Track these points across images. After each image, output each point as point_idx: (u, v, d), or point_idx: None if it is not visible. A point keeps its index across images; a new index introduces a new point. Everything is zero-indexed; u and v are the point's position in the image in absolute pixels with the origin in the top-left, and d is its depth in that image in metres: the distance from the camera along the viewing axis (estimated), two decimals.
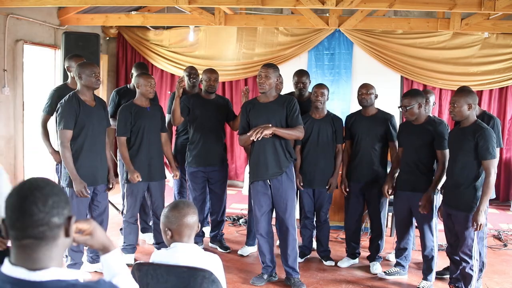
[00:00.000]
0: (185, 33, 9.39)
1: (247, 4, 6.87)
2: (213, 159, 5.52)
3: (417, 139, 4.69)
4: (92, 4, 7.15)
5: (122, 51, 9.91)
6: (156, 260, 2.63)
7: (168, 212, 2.64)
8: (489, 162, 4.02)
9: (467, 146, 4.10)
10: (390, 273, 5.06)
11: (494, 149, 4.04)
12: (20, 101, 7.36)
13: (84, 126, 4.54)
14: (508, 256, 5.90)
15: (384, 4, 6.51)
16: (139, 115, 5.04)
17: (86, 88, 4.58)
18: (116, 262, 1.85)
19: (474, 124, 4.13)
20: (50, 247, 1.48)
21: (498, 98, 8.73)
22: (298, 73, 5.70)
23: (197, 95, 5.59)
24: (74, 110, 4.48)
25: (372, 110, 5.24)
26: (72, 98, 4.54)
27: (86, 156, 4.58)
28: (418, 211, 4.66)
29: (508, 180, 8.69)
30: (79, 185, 4.48)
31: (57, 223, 1.48)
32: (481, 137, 4.02)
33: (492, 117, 4.77)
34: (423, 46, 8.76)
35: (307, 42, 8.99)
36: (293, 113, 4.65)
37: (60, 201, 1.49)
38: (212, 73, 5.51)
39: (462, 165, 4.17)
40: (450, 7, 6.42)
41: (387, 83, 8.43)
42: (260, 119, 4.62)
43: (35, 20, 7.64)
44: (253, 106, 4.76)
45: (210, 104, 5.49)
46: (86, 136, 4.57)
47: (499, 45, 8.50)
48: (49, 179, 1.55)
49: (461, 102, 4.09)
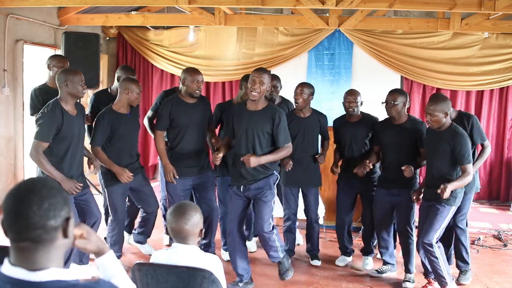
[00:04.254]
0: (185, 33, 9.39)
1: (247, 4, 6.86)
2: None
3: (399, 139, 4.82)
4: (92, 4, 7.14)
5: (122, 51, 9.90)
6: (156, 260, 2.64)
7: (171, 213, 2.65)
8: (466, 167, 4.25)
9: (442, 150, 4.32)
10: (382, 271, 5.10)
11: (469, 153, 4.26)
12: (20, 101, 7.36)
13: (65, 138, 4.33)
14: (508, 256, 5.90)
15: (384, 4, 6.51)
16: (119, 123, 4.79)
17: (70, 96, 4.33)
18: (112, 263, 1.86)
19: (450, 129, 4.32)
20: (48, 249, 1.47)
21: (498, 98, 8.72)
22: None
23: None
24: (57, 123, 4.23)
25: (359, 116, 5.25)
26: (55, 108, 4.26)
27: (67, 166, 4.39)
28: (400, 209, 4.86)
29: (508, 180, 8.68)
30: (68, 183, 4.29)
31: (53, 226, 1.46)
32: (457, 144, 4.23)
33: (469, 116, 4.83)
34: (423, 46, 8.75)
35: (307, 42, 8.99)
36: (279, 129, 4.40)
37: (57, 203, 1.47)
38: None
39: (438, 166, 4.40)
40: (450, 7, 6.42)
41: (387, 83, 8.37)
42: (241, 128, 4.48)
43: (35, 20, 7.64)
44: (238, 111, 4.59)
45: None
46: (68, 148, 4.37)
47: (499, 45, 8.50)
48: (46, 180, 1.53)
49: (437, 111, 4.25)
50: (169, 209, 2.72)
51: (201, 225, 2.69)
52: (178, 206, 2.71)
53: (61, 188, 1.56)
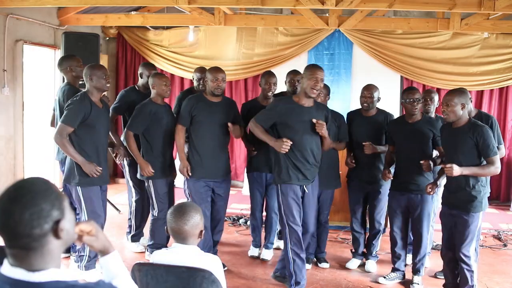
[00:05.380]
0: (184, 33, 9.39)
1: (246, 4, 6.87)
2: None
3: (412, 137, 4.71)
4: (92, 4, 7.15)
5: (122, 51, 9.90)
6: (156, 260, 2.64)
7: (171, 213, 2.65)
8: (491, 159, 3.98)
9: (465, 147, 4.04)
10: (389, 278, 4.99)
11: (494, 145, 3.99)
12: (20, 101, 7.36)
13: (92, 127, 4.52)
14: (508, 256, 5.90)
15: (383, 4, 6.51)
16: (161, 113, 5.05)
17: (96, 89, 4.56)
18: (115, 264, 1.85)
19: (469, 123, 4.07)
20: (41, 253, 1.46)
21: (498, 98, 8.74)
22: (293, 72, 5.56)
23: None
24: (84, 111, 4.43)
25: (373, 111, 5.18)
26: (85, 97, 4.50)
27: (90, 153, 4.54)
28: (414, 212, 4.70)
29: (508, 180, 8.68)
30: (88, 166, 4.47)
31: (39, 234, 1.44)
32: (480, 136, 3.96)
33: (489, 116, 4.77)
34: (423, 46, 8.76)
35: (307, 42, 8.99)
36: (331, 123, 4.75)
37: (40, 211, 1.43)
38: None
39: (462, 165, 4.02)
40: (450, 7, 6.42)
41: (387, 83, 8.40)
42: (304, 124, 4.43)
43: (35, 20, 7.64)
44: (293, 108, 4.45)
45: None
46: (93, 137, 4.55)
47: (498, 45, 8.51)
48: (32, 185, 1.48)
49: (454, 101, 4.03)
50: (170, 209, 2.72)
51: (202, 226, 2.68)
52: (179, 206, 2.70)
53: (50, 191, 1.49)
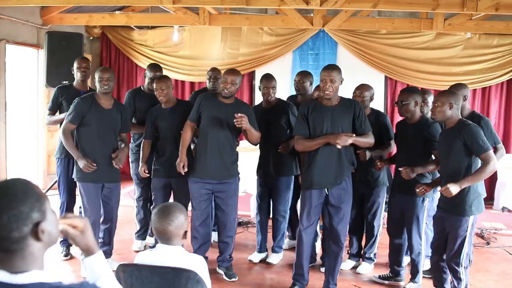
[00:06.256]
0: (169, 33, 9.36)
1: (231, 4, 6.87)
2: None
3: (411, 139, 4.61)
4: (76, 3, 7.10)
5: (106, 51, 9.86)
6: (140, 261, 2.63)
7: (155, 213, 2.64)
8: (484, 155, 3.84)
9: (455, 149, 3.98)
10: (385, 277, 4.98)
11: (485, 141, 3.88)
12: (2, 101, 7.29)
13: (89, 126, 4.72)
14: (491, 254, 5.96)
15: (368, 4, 6.55)
16: (161, 117, 5.17)
17: (99, 92, 4.79)
18: (100, 264, 1.84)
19: (458, 124, 4.01)
20: (22, 256, 1.45)
21: (481, 98, 8.83)
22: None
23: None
24: (82, 111, 4.70)
25: (367, 111, 4.99)
26: (88, 98, 4.79)
27: (87, 150, 4.74)
28: (408, 214, 4.61)
29: (491, 179, 8.73)
30: (82, 161, 4.65)
31: (18, 237, 1.43)
32: (468, 135, 3.88)
33: (481, 117, 4.68)
34: (406, 46, 8.82)
35: (291, 42, 9.01)
36: (361, 118, 4.44)
37: (18, 214, 1.42)
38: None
39: (453, 167, 4.01)
40: (433, 8, 6.48)
41: (371, 83, 8.30)
42: (325, 125, 4.37)
43: (18, 19, 7.57)
44: (315, 108, 4.43)
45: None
46: (92, 135, 4.73)
47: (481, 45, 8.60)
48: (13, 185, 1.47)
49: (441, 101, 4.01)
50: (155, 209, 2.71)
51: (186, 227, 2.67)
52: (163, 206, 2.69)
53: (30, 193, 1.47)
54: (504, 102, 8.82)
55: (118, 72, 9.77)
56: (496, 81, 8.67)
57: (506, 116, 8.83)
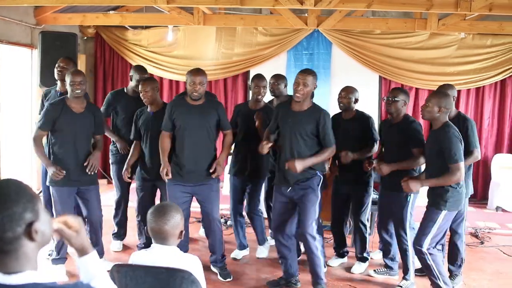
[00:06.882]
0: (163, 32, 9.35)
1: (226, 4, 6.87)
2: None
3: (395, 138, 4.71)
4: (70, 3, 7.08)
5: (100, 51, 9.82)
6: (135, 261, 2.63)
7: (151, 213, 2.64)
8: (453, 166, 3.99)
9: (434, 150, 4.17)
10: (379, 272, 5.08)
11: (456, 153, 4.00)
12: None
13: (61, 131, 4.67)
14: (485, 254, 5.98)
15: (362, 4, 6.56)
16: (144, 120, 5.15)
17: (71, 95, 4.68)
18: (94, 264, 1.84)
19: (441, 128, 4.13)
20: (16, 256, 1.44)
21: (475, 98, 8.86)
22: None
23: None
24: (53, 116, 4.63)
25: (351, 113, 5.13)
26: (59, 103, 4.71)
27: (61, 156, 4.67)
28: (394, 211, 4.74)
29: (485, 179, 8.80)
30: (50, 168, 4.59)
31: (11, 237, 1.43)
32: (444, 141, 4.05)
33: (466, 119, 4.72)
34: (401, 46, 8.84)
35: (286, 42, 9.01)
36: (325, 130, 4.44)
37: (12, 214, 1.42)
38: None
39: (431, 166, 4.24)
40: (427, 8, 6.49)
41: (365, 83, 8.46)
42: (287, 129, 4.50)
43: (12, 19, 7.53)
44: (284, 112, 4.58)
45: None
46: (63, 140, 4.68)
47: (475, 45, 8.63)
48: (6, 185, 1.47)
49: (432, 102, 4.13)
50: (150, 209, 2.71)
51: (182, 227, 2.67)
52: (159, 206, 2.70)
53: (23, 193, 1.48)
54: (497, 102, 8.84)
55: (112, 72, 9.74)
56: (490, 81, 8.69)
57: (499, 116, 8.86)
